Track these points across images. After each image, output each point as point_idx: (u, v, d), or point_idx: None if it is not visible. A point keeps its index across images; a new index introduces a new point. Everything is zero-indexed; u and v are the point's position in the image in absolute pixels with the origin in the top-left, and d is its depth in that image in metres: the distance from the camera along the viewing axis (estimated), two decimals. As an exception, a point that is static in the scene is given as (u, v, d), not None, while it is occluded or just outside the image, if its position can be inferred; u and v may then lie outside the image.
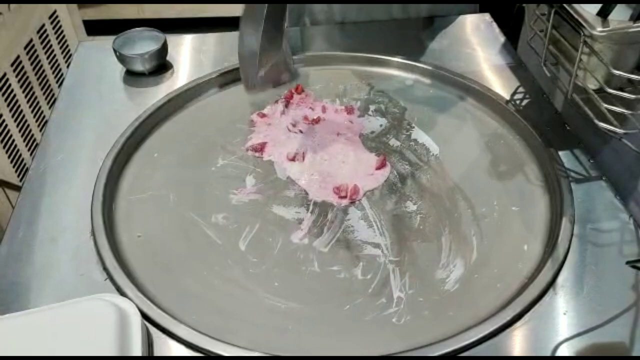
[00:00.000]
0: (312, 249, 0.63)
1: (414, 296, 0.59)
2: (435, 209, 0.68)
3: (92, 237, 0.63)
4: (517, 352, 0.53)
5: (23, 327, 0.50)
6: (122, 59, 0.86)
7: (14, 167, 1.26)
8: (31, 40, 1.34)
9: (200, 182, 0.72)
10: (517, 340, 0.54)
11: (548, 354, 0.53)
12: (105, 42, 0.89)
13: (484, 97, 0.82)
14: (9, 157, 1.24)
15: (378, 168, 0.73)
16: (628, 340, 0.54)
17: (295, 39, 0.95)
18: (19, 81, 1.28)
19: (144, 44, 0.87)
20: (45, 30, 1.41)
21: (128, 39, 0.88)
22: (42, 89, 1.39)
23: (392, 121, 0.80)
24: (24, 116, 1.31)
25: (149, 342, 0.53)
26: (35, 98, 1.36)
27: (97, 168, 0.70)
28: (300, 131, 0.78)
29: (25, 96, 1.31)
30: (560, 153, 0.72)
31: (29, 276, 0.60)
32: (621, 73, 0.60)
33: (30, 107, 1.34)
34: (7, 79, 1.23)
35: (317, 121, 0.79)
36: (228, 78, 0.87)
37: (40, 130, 1.36)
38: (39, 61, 1.38)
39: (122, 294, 0.57)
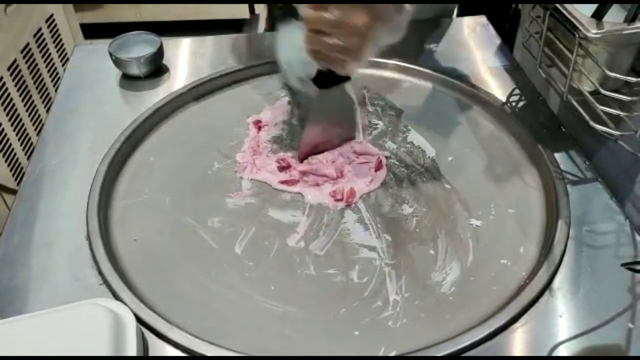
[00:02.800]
0: (308, 253, 0.63)
1: (410, 299, 0.58)
2: (431, 212, 0.68)
3: (88, 241, 0.63)
4: (513, 355, 0.53)
5: (18, 332, 0.50)
6: (117, 62, 0.86)
7: (10, 170, 1.26)
8: (28, 44, 1.34)
9: (196, 185, 0.72)
10: (514, 343, 0.54)
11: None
12: (102, 46, 0.89)
13: (480, 99, 0.82)
14: (5, 160, 1.24)
15: (374, 171, 0.72)
16: (624, 342, 0.54)
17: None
18: (15, 85, 1.28)
19: (140, 48, 0.87)
20: (42, 34, 1.41)
21: (124, 42, 0.88)
22: (39, 92, 1.39)
23: (389, 124, 0.80)
24: (20, 120, 1.31)
25: (144, 346, 0.53)
26: (32, 102, 1.36)
27: (93, 171, 0.70)
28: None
29: (22, 100, 1.31)
30: (556, 155, 0.72)
31: (24, 280, 0.60)
32: (616, 75, 0.60)
33: (27, 110, 1.34)
34: (4, 83, 1.23)
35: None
36: (224, 81, 0.86)
37: (37, 134, 1.36)
38: (36, 65, 1.38)
39: (118, 298, 0.57)
